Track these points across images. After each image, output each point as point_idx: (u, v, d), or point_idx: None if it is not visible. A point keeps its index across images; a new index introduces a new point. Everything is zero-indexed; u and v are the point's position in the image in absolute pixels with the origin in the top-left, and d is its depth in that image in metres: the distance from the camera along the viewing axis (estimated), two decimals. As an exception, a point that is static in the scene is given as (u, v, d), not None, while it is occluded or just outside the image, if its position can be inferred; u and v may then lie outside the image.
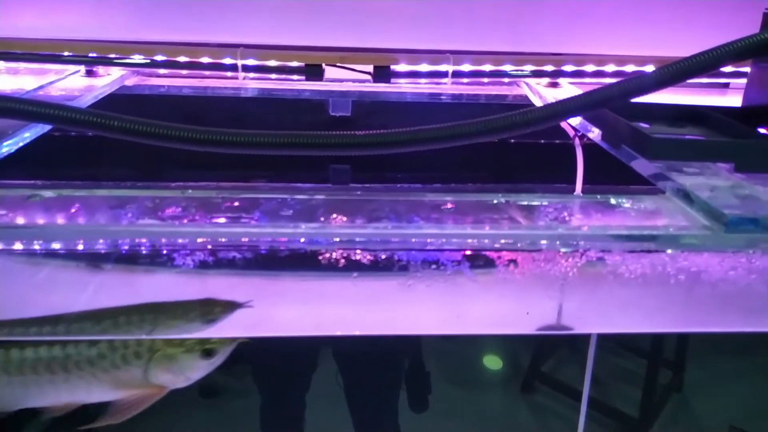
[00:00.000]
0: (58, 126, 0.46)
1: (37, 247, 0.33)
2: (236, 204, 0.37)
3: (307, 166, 0.71)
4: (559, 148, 0.83)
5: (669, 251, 0.37)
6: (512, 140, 0.87)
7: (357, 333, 0.38)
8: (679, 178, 0.42)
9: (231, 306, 0.40)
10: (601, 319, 0.41)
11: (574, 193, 0.54)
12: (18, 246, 0.33)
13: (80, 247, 0.33)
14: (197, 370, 0.50)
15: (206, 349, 0.49)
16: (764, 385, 1.00)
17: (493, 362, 1.10)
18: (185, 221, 0.35)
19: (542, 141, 0.88)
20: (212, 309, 0.38)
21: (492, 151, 0.87)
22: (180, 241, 0.33)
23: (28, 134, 0.50)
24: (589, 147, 0.68)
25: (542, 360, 1.12)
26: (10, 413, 0.48)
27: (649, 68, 0.68)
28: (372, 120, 0.76)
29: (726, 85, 0.75)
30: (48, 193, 0.38)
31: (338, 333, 0.38)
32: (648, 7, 0.71)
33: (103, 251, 0.33)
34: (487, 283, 0.38)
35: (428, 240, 0.36)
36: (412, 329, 0.44)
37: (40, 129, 0.51)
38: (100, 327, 0.37)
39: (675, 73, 0.43)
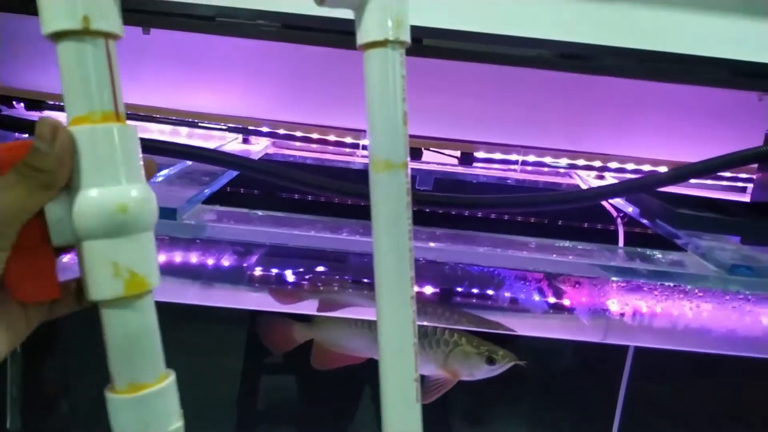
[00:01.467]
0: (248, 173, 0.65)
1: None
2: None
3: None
4: (603, 230, 0.99)
5: (688, 287, 0.52)
6: (560, 222, 1.04)
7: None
8: (698, 241, 0.58)
9: (510, 358, 0.64)
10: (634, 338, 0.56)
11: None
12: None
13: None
14: (480, 371, 0.71)
15: (491, 357, 0.70)
16: None
17: None
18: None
19: (586, 225, 1.04)
20: (497, 352, 0.62)
21: (543, 234, 1.03)
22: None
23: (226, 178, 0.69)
24: (631, 232, 0.85)
25: None
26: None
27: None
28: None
29: (744, 189, 0.92)
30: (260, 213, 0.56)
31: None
32: (683, 122, 0.90)
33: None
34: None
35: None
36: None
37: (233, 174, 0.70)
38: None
39: (693, 170, 0.61)
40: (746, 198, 0.85)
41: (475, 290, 0.53)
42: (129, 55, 0.90)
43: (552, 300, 0.53)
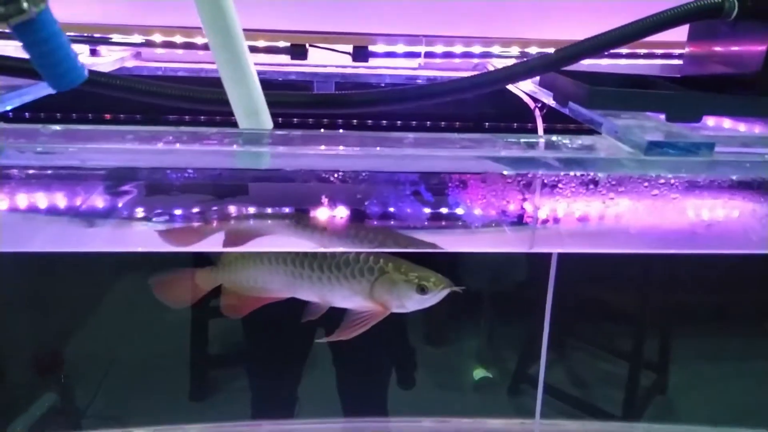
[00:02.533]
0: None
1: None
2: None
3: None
4: (525, 128, 0.89)
5: (600, 174, 0.42)
6: (486, 125, 0.93)
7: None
8: (614, 121, 0.48)
9: (445, 284, 0.51)
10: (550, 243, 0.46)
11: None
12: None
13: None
14: (411, 301, 0.60)
15: (421, 285, 0.59)
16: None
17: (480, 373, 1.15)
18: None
19: (515, 125, 0.94)
20: (428, 279, 0.49)
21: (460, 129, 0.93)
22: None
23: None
24: (548, 119, 0.74)
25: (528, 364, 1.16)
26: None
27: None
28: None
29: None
30: (55, 127, 0.43)
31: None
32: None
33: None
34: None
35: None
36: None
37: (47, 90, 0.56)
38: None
39: (611, 39, 0.50)
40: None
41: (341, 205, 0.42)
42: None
43: (434, 208, 0.43)
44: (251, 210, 0.44)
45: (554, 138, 0.46)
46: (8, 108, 0.50)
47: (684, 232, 0.45)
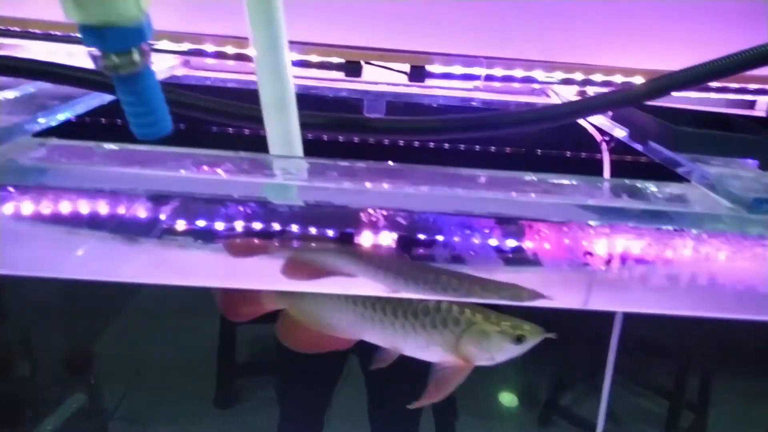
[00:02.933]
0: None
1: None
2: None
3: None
4: (587, 159, 0.85)
5: (694, 231, 0.38)
6: (539, 151, 0.90)
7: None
8: (705, 168, 0.44)
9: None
10: (625, 299, 0.43)
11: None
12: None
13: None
14: (504, 352, 0.53)
15: (519, 335, 0.52)
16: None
17: (508, 399, 1.10)
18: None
19: (569, 154, 0.90)
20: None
21: (520, 164, 0.89)
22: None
23: (87, 104, 0.53)
24: (619, 160, 0.70)
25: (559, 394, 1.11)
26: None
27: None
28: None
29: (753, 104, 0.77)
30: (110, 146, 0.41)
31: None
32: (683, 22, 0.73)
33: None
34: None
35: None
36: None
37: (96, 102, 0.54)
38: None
39: (695, 75, 0.46)
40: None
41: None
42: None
43: (510, 254, 0.39)
44: (317, 244, 0.41)
45: (639, 184, 0.42)
46: (60, 118, 0.48)
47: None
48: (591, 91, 0.73)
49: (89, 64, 0.30)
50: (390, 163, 0.42)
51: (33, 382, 1.02)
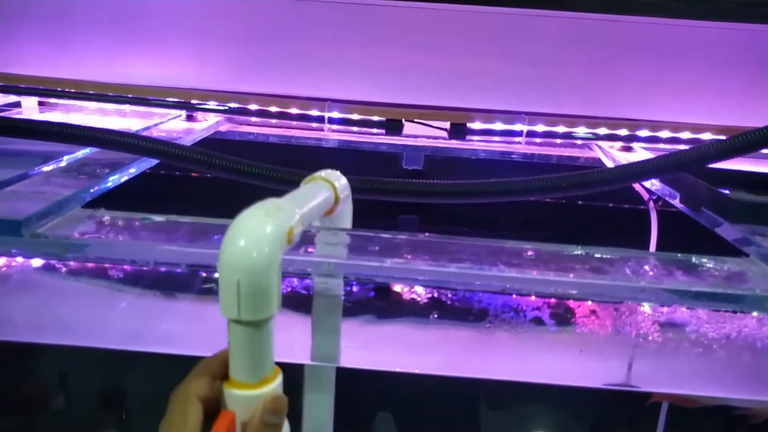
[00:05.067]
0: (164, 160, 0.51)
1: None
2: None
3: (375, 213, 0.73)
4: (630, 212, 0.82)
5: (755, 314, 0.36)
6: (580, 202, 0.88)
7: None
8: (763, 241, 0.42)
9: None
10: (676, 381, 0.40)
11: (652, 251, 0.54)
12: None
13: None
14: None
15: None
16: None
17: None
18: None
19: (610, 205, 0.87)
20: None
21: (561, 214, 0.87)
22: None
23: (134, 169, 0.54)
24: (665, 215, 0.68)
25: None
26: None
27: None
28: (443, 175, 0.78)
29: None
30: (158, 218, 0.41)
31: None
32: (730, 75, 0.72)
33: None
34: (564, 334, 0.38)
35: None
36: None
37: (145, 165, 0.55)
38: None
39: (751, 141, 0.44)
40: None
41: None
42: (53, 18, 0.76)
43: (556, 335, 0.38)
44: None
45: (695, 260, 0.40)
46: (109, 184, 0.50)
47: None
48: (636, 146, 0.71)
49: (137, 126, 0.31)
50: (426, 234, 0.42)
51: (67, 417, 1.03)
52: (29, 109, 0.76)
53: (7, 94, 0.75)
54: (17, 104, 0.76)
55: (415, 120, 0.70)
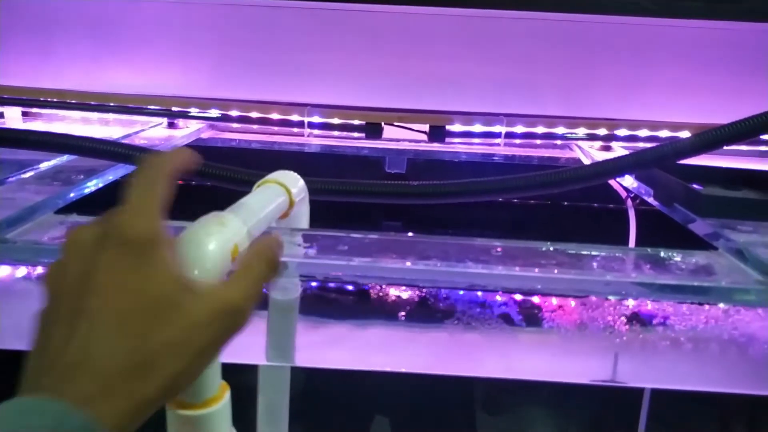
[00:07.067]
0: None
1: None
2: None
3: (359, 221, 0.73)
4: (612, 212, 0.82)
5: (721, 305, 0.36)
6: (565, 203, 0.88)
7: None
8: (732, 235, 0.42)
9: None
10: (653, 374, 0.40)
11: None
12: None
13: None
14: None
15: None
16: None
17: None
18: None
19: (596, 204, 0.88)
20: None
21: (544, 215, 0.88)
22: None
23: (111, 176, 0.55)
24: (644, 213, 0.68)
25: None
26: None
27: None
28: (426, 178, 0.79)
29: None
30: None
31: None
32: (707, 74, 0.72)
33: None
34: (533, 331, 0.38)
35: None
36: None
37: (122, 172, 0.56)
38: None
39: (724, 135, 0.44)
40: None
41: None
42: (36, 29, 0.76)
43: (526, 330, 0.38)
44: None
45: (663, 254, 0.40)
46: (86, 191, 0.50)
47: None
48: (615, 146, 0.72)
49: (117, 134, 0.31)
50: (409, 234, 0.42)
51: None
52: (12, 119, 0.76)
53: (-10, 105, 0.75)
54: (0, 115, 0.77)
55: (395, 123, 0.71)
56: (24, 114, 0.77)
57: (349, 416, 0.91)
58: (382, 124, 0.70)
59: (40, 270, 0.38)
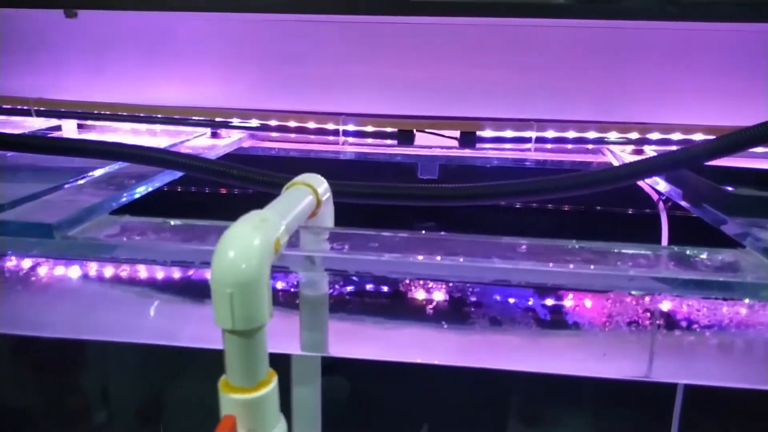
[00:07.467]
0: (187, 172, 0.54)
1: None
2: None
3: (392, 224, 0.75)
4: (645, 216, 0.82)
5: (747, 301, 0.37)
6: (598, 207, 0.88)
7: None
8: (761, 234, 0.42)
9: None
10: (683, 370, 0.41)
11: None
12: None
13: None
14: None
15: None
16: None
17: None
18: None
19: (630, 211, 0.88)
20: None
21: (579, 220, 0.88)
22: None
23: (158, 182, 0.58)
24: (676, 216, 0.68)
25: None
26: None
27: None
28: (458, 183, 0.80)
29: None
30: (176, 222, 0.45)
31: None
32: (739, 78, 0.72)
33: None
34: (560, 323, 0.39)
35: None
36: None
37: (169, 178, 0.59)
38: None
39: (753, 136, 0.45)
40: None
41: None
42: (89, 48, 0.82)
43: (549, 326, 0.39)
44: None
45: (689, 251, 0.41)
46: (137, 195, 0.54)
47: None
48: (647, 149, 0.72)
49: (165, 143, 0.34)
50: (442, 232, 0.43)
51: (109, 430, 1.07)
52: (69, 131, 0.81)
53: (50, 118, 0.81)
54: (58, 127, 0.82)
55: (426, 130, 0.73)
56: (79, 126, 0.82)
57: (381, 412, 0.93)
58: (414, 131, 0.72)
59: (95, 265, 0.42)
